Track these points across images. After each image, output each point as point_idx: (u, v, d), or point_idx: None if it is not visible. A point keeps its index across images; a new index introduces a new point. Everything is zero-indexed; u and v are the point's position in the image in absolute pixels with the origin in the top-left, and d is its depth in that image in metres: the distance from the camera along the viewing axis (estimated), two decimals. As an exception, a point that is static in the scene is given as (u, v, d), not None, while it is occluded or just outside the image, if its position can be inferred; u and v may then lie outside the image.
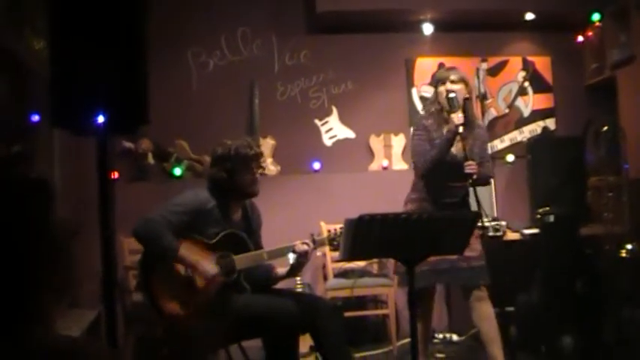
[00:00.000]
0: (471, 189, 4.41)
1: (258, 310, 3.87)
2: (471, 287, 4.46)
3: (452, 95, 4.39)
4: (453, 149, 4.44)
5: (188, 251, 3.83)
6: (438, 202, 4.50)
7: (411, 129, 6.65)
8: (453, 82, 4.47)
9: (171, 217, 3.82)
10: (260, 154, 4.15)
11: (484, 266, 4.45)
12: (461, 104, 4.40)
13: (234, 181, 4.02)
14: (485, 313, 4.47)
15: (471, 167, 4.31)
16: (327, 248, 5.78)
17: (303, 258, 4.05)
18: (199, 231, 3.91)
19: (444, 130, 4.46)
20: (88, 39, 2.43)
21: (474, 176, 4.33)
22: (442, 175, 4.45)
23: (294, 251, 4.03)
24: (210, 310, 3.82)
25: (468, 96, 4.54)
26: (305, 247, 4.03)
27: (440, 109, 4.55)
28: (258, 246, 4.17)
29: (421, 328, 4.57)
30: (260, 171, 4.13)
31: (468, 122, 4.46)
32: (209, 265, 3.86)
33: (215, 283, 3.85)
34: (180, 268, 3.84)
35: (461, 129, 4.31)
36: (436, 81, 4.67)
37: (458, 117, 4.33)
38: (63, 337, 1.51)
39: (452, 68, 4.71)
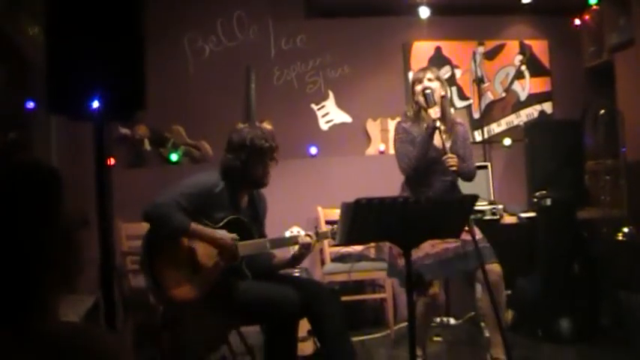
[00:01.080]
0: (457, 183, 4.47)
1: (259, 296, 3.89)
2: (481, 266, 4.41)
3: (427, 92, 4.43)
4: (435, 143, 4.42)
5: (200, 226, 3.88)
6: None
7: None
8: (429, 80, 4.51)
9: (180, 199, 3.83)
10: (275, 148, 4.14)
11: (489, 247, 4.44)
12: (437, 100, 4.44)
13: (246, 170, 4.03)
14: (492, 298, 4.42)
15: (450, 160, 4.30)
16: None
17: (305, 249, 4.08)
18: (206, 214, 3.93)
19: (424, 128, 4.47)
20: (85, 25, 2.42)
21: (453, 168, 4.32)
22: (425, 171, 4.47)
23: (297, 242, 4.06)
24: (213, 294, 3.83)
25: (444, 94, 4.57)
26: (308, 239, 4.06)
27: (417, 109, 4.58)
28: (261, 234, 4.19)
29: (423, 316, 4.55)
30: (272, 163, 4.14)
31: (446, 119, 4.51)
32: (224, 234, 3.91)
33: (234, 249, 3.89)
34: (184, 250, 3.84)
35: (438, 123, 4.30)
36: (412, 82, 4.68)
37: (435, 111, 4.34)
38: (68, 324, 1.52)
39: (427, 68, 4.74)
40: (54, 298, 1.48)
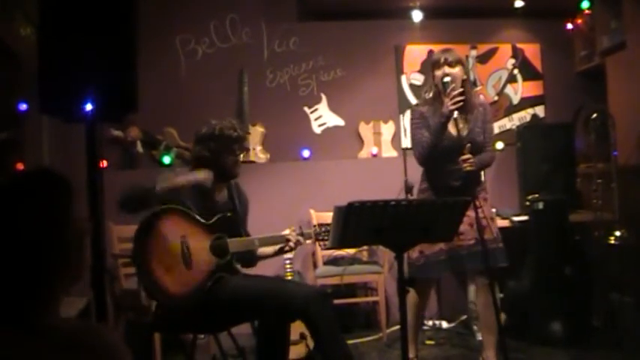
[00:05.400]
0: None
1: (251, 291, 3.88)
2: (487, 271, 4.40)
3: (446, 79, 4.29)
4: (452, 131, 4.34)
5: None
6: (443, 187, 4.47)
7: (401, 116, 6.70)
8: (450, 65, 4.36)
9: (158, 192, 3.84)
10: (243, 137, 4.20)
11: (503, 248, 4.44)
12: (458, 87, 4.29)
13: (217, 160, 4.05)
14: (488, 301, 4.44)
15: (469, 164, 4.24)
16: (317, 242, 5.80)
17: (293, 247, 4.12)
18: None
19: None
20: (78, 27, 2.42)
21: (469, 168, 4.25)
22: (443, 160, 4.40)
23: (287, 240, 4.07)
24: (204, 291, 3.81)
25: (465, 77, 4.44)
26: (299, 238, 4.09)
27: (437, 93, 4.45)
28: (245, 230, 4.20)
29: (414, 316, 4.58)
30: (243, 154, 4.18)
31: (467, 104, 4.37)
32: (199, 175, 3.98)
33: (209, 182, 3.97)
34: (177, 244, 3.82)
35: (456, 114, 4.19)
36: (432, 64, 4.50)
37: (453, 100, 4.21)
38: (69, 320, 1.60)
39: (448, 50, 4.52)
40: (59, 298, 1.58)
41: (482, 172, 4.78)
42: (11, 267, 1.49)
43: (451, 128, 4.34)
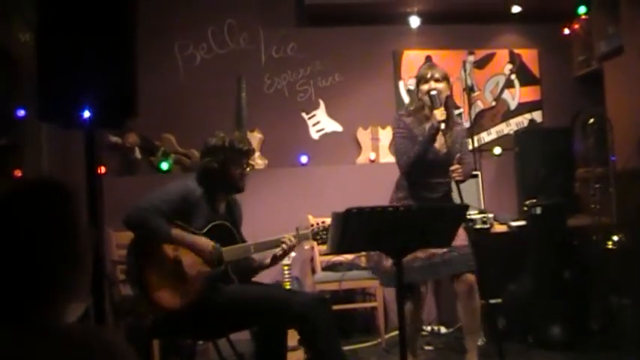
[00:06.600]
0: (454, 184, 4.47)
1: (247, 299, 3.89)
2: (462, 274, 4.46)
3: (433, 93, 4.42)
4: (435, 145, 4.47)
5: (181, 233, 3.87)
6: (422, 198, 4.51)
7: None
8: (436, 80, 4.49)
9: (161, 205, 3.83)
10: (252, 151, 4.25)
11: (471, 253, 4.48)
12: (442, 102, 4.44)
13: (224, 173, 4.05)
14: (471, 306, 4.48)
15: (458, 174, 4.37)
16: (314, 242, 5.79)
17: (287, 250, 4.12)
18: (186, 220, 3.92)
19: (426, 127, 4.47)
20: (76, 33, 2.42)
21: (459, 178, 4.39)
22: (424, 172, 4.49)
23: (280, 244, 4.07)
24: (201, 301, 3.82)
25: (448, 94, 4.57)
26: (293, 240, 4.08)
27: (421, 106, 4.57)
28: (241, 238, 4.20)
29: (410, 323, 4.58)
30: (249, 169, 4.17)
31: (449, 120, 4.49)
32: (205, 241, 3.90)
33: (215, 255, 3.90)
34: (170, 258, 3.84)
35: (443, 125, 4.35)
36: (418, 78, 4.64)
37: (441, 112, 4.36)
38: (74, 323, 1.60)
39: (434, 66, 4.71)
40: (65, 303, 1.59)
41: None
42: (14, 268, 1.49)
43: (438, 142, 4.47)
